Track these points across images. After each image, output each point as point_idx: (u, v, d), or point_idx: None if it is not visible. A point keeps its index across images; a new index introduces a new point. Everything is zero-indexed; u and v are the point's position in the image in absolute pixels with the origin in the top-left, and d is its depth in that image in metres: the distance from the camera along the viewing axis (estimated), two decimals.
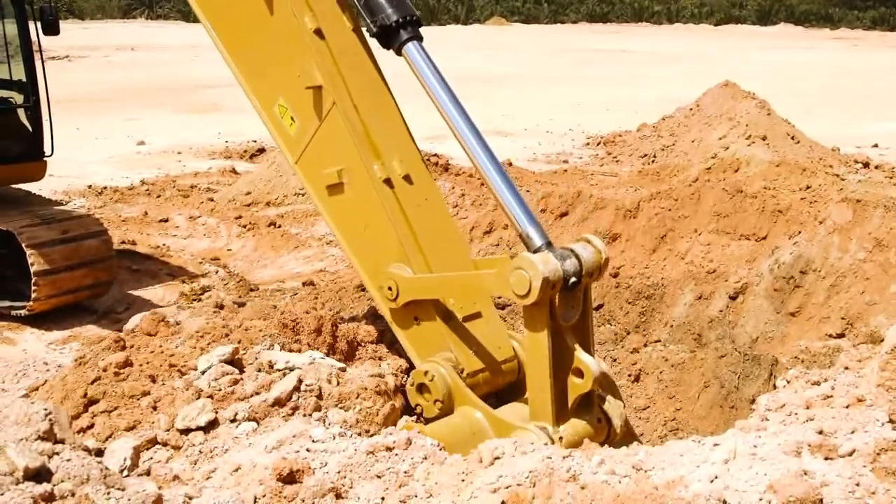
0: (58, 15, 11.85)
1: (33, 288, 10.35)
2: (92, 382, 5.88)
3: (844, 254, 8.98)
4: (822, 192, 10.19)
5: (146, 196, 17.24)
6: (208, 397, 5.57)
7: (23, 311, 10.54)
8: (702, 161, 16.06)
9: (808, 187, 10.64)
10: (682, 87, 28.18)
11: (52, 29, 11.67)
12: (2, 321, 10.72)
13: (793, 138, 17.12)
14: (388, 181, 5.94)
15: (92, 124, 24.75)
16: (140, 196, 17.24)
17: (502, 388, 5.88)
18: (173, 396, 5.61)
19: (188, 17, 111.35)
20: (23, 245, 10.34)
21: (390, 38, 5.99)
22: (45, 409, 4.64)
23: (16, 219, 10.72)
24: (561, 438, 5.14)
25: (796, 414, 4.91)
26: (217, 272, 12.71)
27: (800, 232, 9.47)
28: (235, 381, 5.70)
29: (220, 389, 5.62)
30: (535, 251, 5.31)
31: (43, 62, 11.54)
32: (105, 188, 17.67)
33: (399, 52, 6.04)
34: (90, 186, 17.71)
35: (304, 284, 11.71)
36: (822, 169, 13.99)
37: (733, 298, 9.32)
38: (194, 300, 11.37)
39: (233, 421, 5.33)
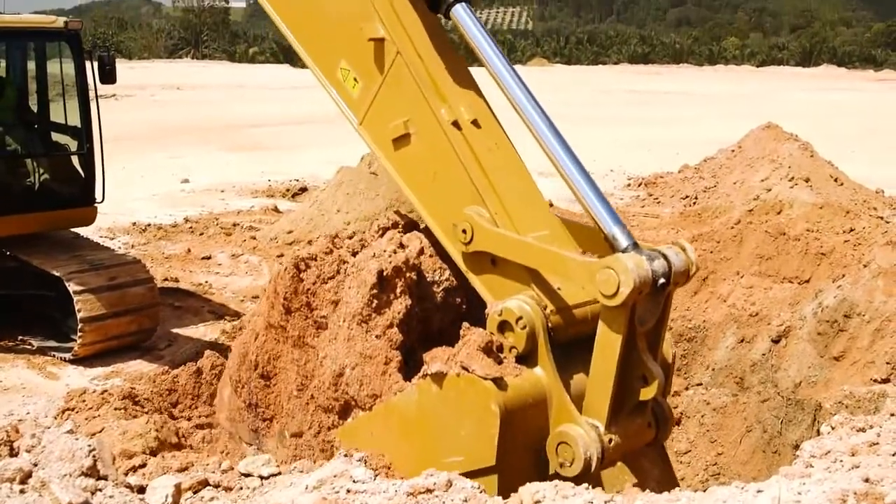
0: (115, 64, 12.06)
1: (79, 333, 10.48)
2: (160, 428, 5.97)
3: (889, 297, 8.88)
4: (867, 235, 10.12)
5: (189, 233, 17.42)
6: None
7: (68, 355, 10.67)
8: (744, 203, 15.95)
9: (851, 230, 10.57)
10: (724, 128, 28.09)
11: (109, 78, 11.89)
12: (46, 356, 10.85)
13: (836, 180, 16.98)
14: (455, 124, 5.72)
15: (137, 162, 25.06)
16: (183, 233, 17.42)
17: (583, 336, 5.36)
18: (242, 451, 5.65)
19: (233, 56, 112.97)
20: (70, 291, 10.48)
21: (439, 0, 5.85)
22: (89, 446, 4.68)
23: (64, 263, 10.87)
24: (610, 441, 4.95)
25: (841, 461, 4.84)
26: None
27: (843, 275, 9.38)
28: None
29: None
30: (622, 252, 4.99)
31: (98, 110, 11.74)
32: (149, 225, 17.87)
33: (447, 15, 5.90)
34: (134, 223, 17.92)
35: None
36: (866, 211, 13.89)
37: (776, 342, 9.23)
38: (235, 338, 11.44)
39: (301, 471, 5.31)
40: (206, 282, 14.14)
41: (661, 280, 4.88)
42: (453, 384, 4.98)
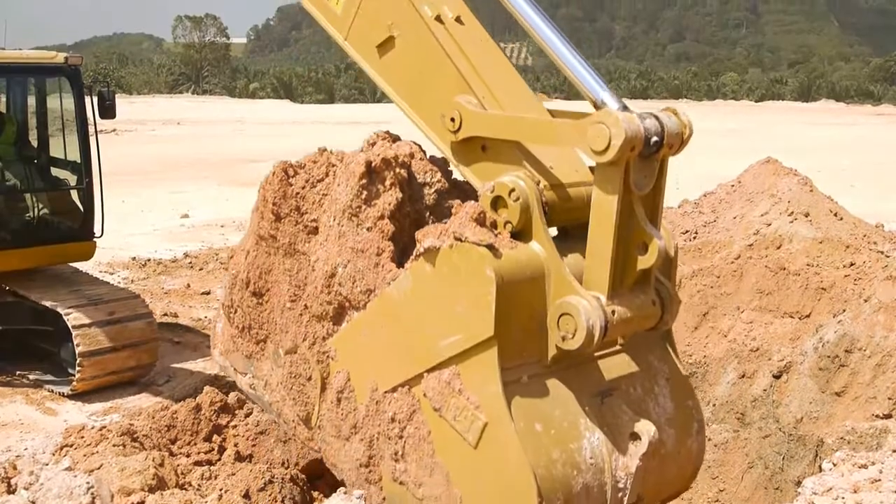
0: (115, 99, 12.15)
1: (77, 368, 10.46)
2: (159, 465, 5.93)
3: (890, 332, 8.85)
4: (867, 270, 10.09)
5: (189, 269, 17.42)
6: None
7: (66, 390, 10.65)
8: (744, 237, 15.91)
9: (852, 264, 10.54)
10: (724, 163, 28.18)
11: (109, 113, 11.98)
12: (44, 391, 10.82)
13: (836, 215, 16.93)
14: (438, 19, 5.65)
15: (137, 197, 25.12)
16: (183, 269, 17.42)
17: (579, 223, 5.20)
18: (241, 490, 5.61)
19: (233, 92, 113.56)
20: (69, 325, 10.47)
21: None
22: (88, 483, 4.65)
23: (63, 298, 10.87)
24: (613, 312, 4.77)
25: (843, 498, 4.82)
26: None
27: (844, 310, 9.36)
28: None
29: None
30: None
31: (98, 145, 11.79)
32: (148, 260, 17.88)
33: None
34: (134, 258, 17.93)
35: None
36: (867, 246, 13.88)
37: (777, 377, 9.20)
38: None
39: None
40: (206, 317, 14.12)
41: (654, 138, 4.76)
42: (446, 258, 4.86)
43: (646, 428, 4.82)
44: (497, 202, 5.09)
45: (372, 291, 5.30)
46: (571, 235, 5.23)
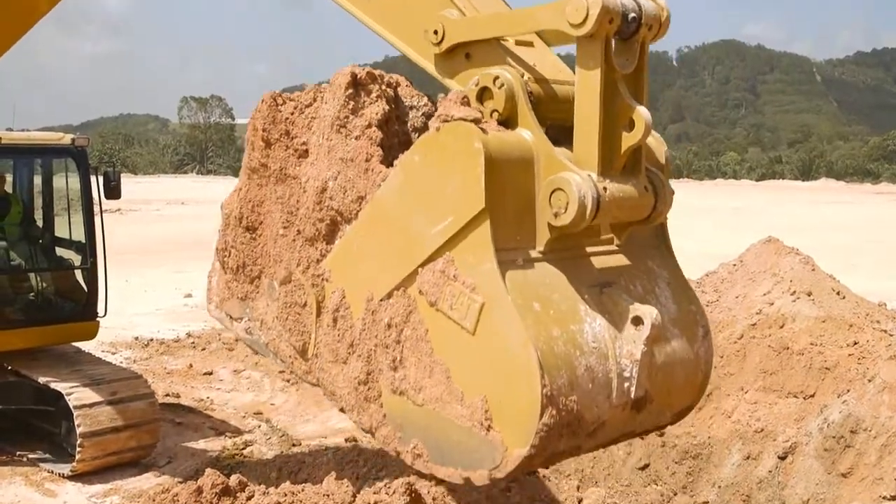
0: (120, 180, 12.29)
1: (78, 449, 10.40)
2: None
3: (895, 413, 8.82)
4: (871, 349, 10.08)
5: (191, 348, 17.39)
6: None
7: (66, 471, 10.56)
8: (746, 317, 15.91)
9: (855, 343, 10.53)
10: (725, 242, 28.26)
11: (114, 193, 12.12)
12: (44, 471, 10.73)
13: (838, 293, 16.92)
14: None
15: (141, 276, 25.19)
16: (185, 349, 17.39)
17: (564, 124, 5.16)
18: None
19: (237, 172, 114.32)
20: (70, 406, 10.44)
21: None
22: None
23: (65, 378, 10.85)
24: (605, 189, 4.69)
25: None
26: (260, 426, 12.70)
27: (849, 390, 9.32)
28: None
29: None
30: None
31: (103, 224, 11.88)
32: (151, 340, 17.87)
33: None
34: (136, 338, 17.92)
35: (346, 441, 11.64)
36: (870, 325, 13.86)
37: (782, 458, 9.13)
38: (236, 455, 11.34)
39: None
40: (208, 398, 14.07)
41: (632, 14, 4.78)
42: (434, 141, 4.87)
43: (648, 311, 4.72)
44: (483, 94, 5.12)
45: (363, 198, 5.30)
46: (558, 141, 5.12)
